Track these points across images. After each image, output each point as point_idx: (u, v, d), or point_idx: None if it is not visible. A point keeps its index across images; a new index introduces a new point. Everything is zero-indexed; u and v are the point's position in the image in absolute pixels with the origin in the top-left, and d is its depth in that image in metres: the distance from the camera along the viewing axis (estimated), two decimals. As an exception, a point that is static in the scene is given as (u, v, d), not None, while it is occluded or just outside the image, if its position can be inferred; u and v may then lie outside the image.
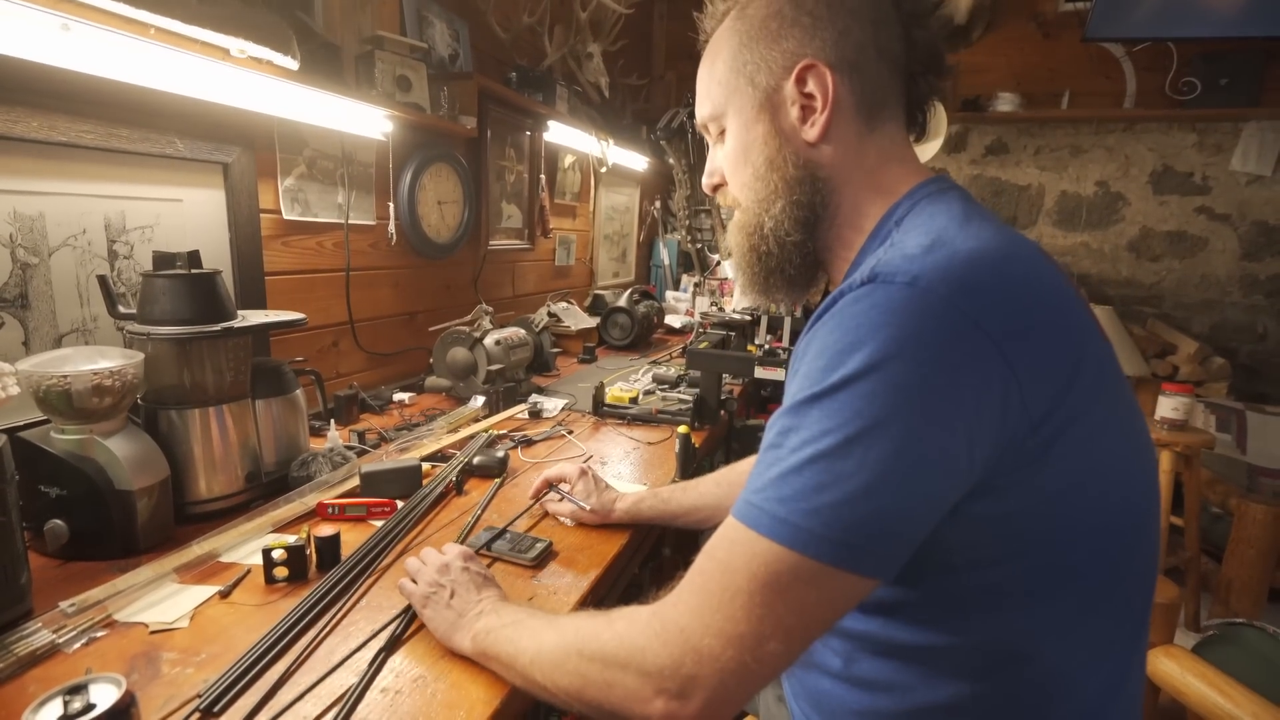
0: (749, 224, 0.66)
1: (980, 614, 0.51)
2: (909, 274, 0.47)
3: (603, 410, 1.57)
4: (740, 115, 0.65)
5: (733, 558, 0.48)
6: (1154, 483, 0.56)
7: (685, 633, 0.48)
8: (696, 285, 3.27)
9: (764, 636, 0.46)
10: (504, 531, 0.93)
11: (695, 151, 2.43)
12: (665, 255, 3.56)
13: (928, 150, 2.96)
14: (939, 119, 2.91)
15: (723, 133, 0.68)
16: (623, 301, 2.51)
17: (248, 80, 1.11)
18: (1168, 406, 2.07)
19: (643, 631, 0.51)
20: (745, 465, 1.01)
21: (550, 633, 0.59)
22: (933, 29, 0.62)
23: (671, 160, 3.32)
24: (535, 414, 1.54)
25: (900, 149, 0.64)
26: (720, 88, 0.66)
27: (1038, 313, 0.48)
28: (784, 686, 0.72)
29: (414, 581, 0.75)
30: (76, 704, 0.49)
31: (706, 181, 0.72)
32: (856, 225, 0.63)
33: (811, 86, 0.60)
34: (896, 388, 0.44)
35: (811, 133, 0.61)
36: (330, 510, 0.98)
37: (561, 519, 1.02)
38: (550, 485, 1.03)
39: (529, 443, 1.36)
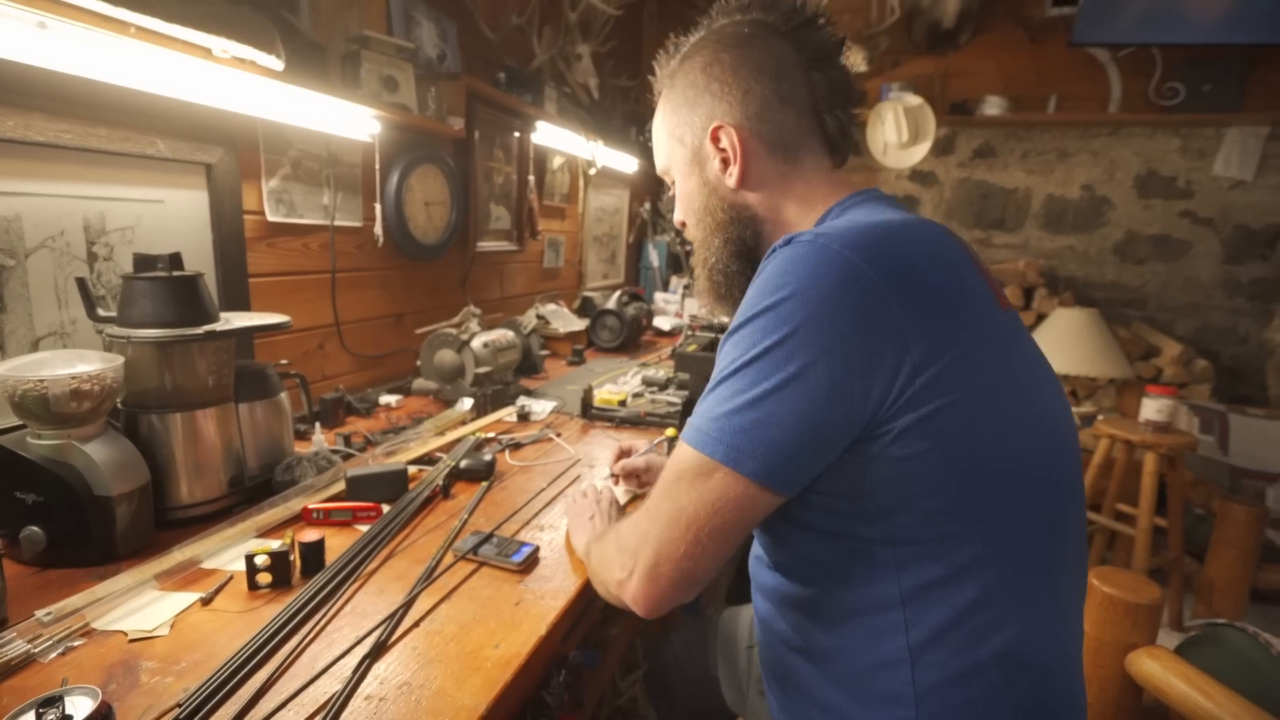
0: (700, 258, 0.78)
1: (902, 566, 0.56)
2: (812, 234, 0.57)
3: (591, 413, 1.56)
4: (679, 169, 0.77)
5: (671, 464, 0.60)
6: (1064, 448, 0.62)
7: (639, 521, 0.61)
8: (686, 287, 3.28)
9: (676, 531, 0.56)
10: (491, 536, 0.92)
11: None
12: (655, 257, 3.55)
13: (916, 154, 2.99)
14: (927, 122, 2.93)
15: (673, 182, 0.79)
16: (612, 304, 2.51)
17: (231, 80, 1.09)
18: (1152, 409, 2.10)
19: (633, 516, 0.64)
20: None
21: (609, 531, 0.71)
22: (837, 68, 0.71)
23: (661, 162, 3.33)
24: (523, 417, 1.54)
25: (825, 175, 0.72)
26: (662, 147, 0.78)
27: (924, 272, 0.56)
28: (764, 678, 0.75)
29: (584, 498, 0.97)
30: (51, 716, 0.48)
31: (676, 220, 0.83)
32: None
33: (724, 143, 0.71)
34: (788, 318, 0.53)
35: (731, 181, 0.71)
36: (315, 515, 0.97)
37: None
38: (619, 480, 1.14)
39: (517, 446, 1.35)
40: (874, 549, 0.57)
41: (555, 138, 2.34)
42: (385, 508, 1.01)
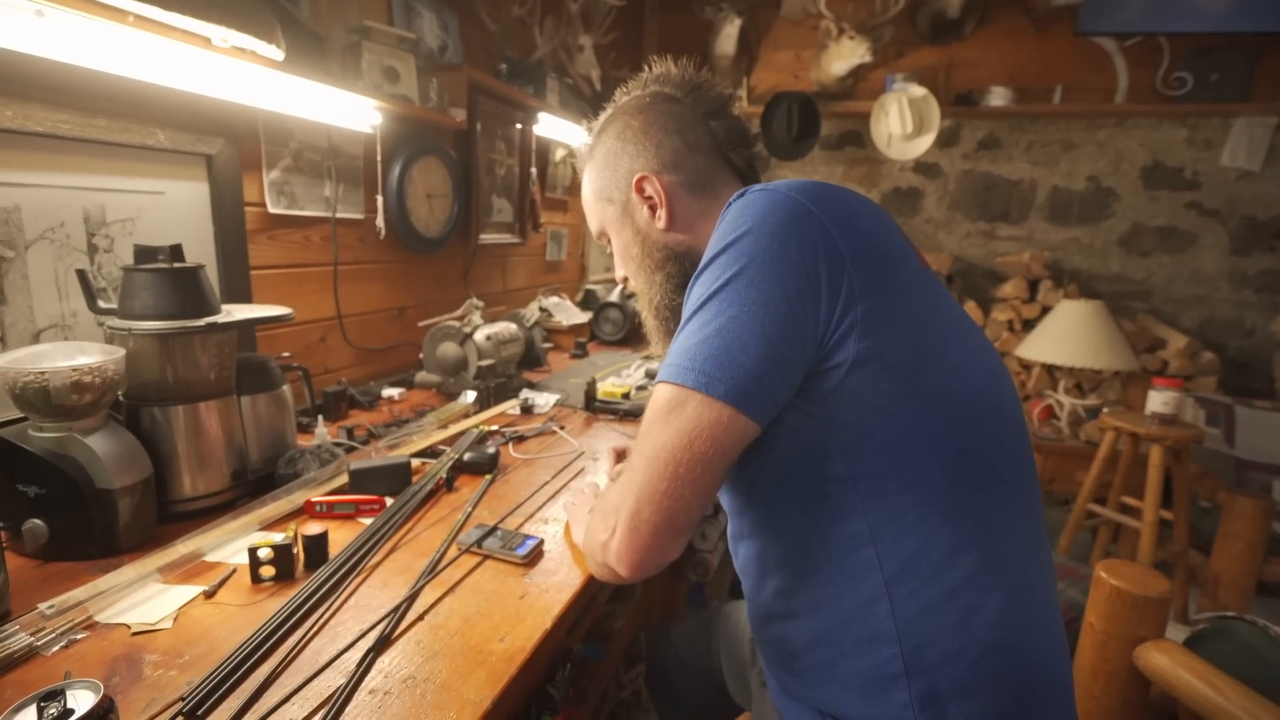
0: (646, 302, 0.84)
1: (883, 491, 0.59)
2: (761, 185, 0.64)
3: (595, 406, 1.56)
4: (612, 225, 0.84)
5: (648, 407, 0.61)
6: (1000, 382, 0.67)
7: (625, 473, 0.61)
8: (689, 280, 3.26)
9: (653, 457, 0.57)
10: (495, 529, 0.92)
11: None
12: (658, 250, 3.53)
13: (920, 145, 2.97)
14: (932, 113, 2.91)
15: (609, 240, 0.86)
16: (614, 296, 2.50)
17: (231, 70, 1.08)
18: (1158, 401, 2.08)
19: (610, 486, 0.66)
20: None
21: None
22: (729, 116, 0.81)
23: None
24: (526, 409, 1.53)
25: None
26: (593, 211, 0.87)
27: (860, 218, 0.62)
28: (764, 664, 0.76)
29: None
30: (52, 710, 0.48)
31: (617, 276, 0.89)
32: None
33: (649, 190, 0.78)
34: (743, 253, 0.59)
35: (660, 223, 0.79)
36: (318, 508, 0.97)
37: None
38: (622, 457, 1.12)
39: (520, 439, 1.35)
40: (839, 488, 0.60)
41: (557, 129, 2.32)
42: (389, 501, 1.00)
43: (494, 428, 1.38)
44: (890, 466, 0.59)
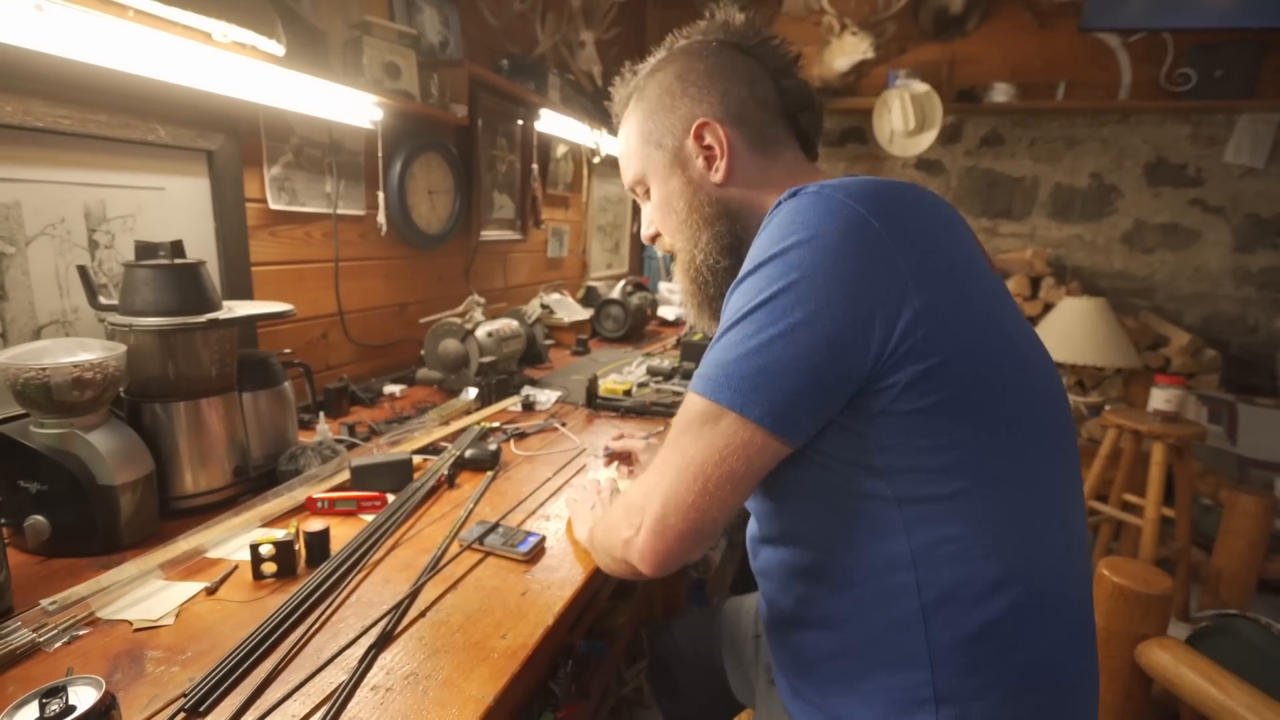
0: (686, 263, 0.77)
1: (929, 516, 0.56)
2: (816, 186, 0.59)
3: (596, 403, 1.56)
4: (657, 174, 0.77)
5: (680, 415, 0.60)
6: (1058, 402, 0.63)
7: (646, 476, 0.61)
8: (690, 277, 3.25)
9: (683, 468, 0.57)
10: (496, 525, 0.92)
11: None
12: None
13: (923, 142, 2.96)
14: (934, 109, 2.90)
15: (647, 191, 0.80)
16: (616, 293, 2.50)
17: (231, 65, 1.08)
18: (1160, 398, 2.08)
19: (639, 478, 0.64)
20: None
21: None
22: (798, 77, 0.76)
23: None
24: (528, 406, 1.53)
25: (803, 168, 0.75)
26: (636, 157, 0.79)
27: (925, 225, 0.58)
28: (773, 667, 0.75)
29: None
30: (54, 706, 0.48)
31: (645, 233, 0.83)
32: None
33: (709, 139, 0.72)
34: (794, 265, 0.54)
35: (718, 176, 0.73)
36: (319, 504, 0.97)
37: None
38: (615, 459, 1.13)
39: (522, 435, 1.34)
40: (882, 508, 0.57)
41: (559, 126, 2.32)
42: (390, 497, 1.00)
43: (495, 424, 1.38)
44: (939, 493, 0.55)
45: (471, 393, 1.52)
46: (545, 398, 1.57)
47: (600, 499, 0.92)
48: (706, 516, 0.56)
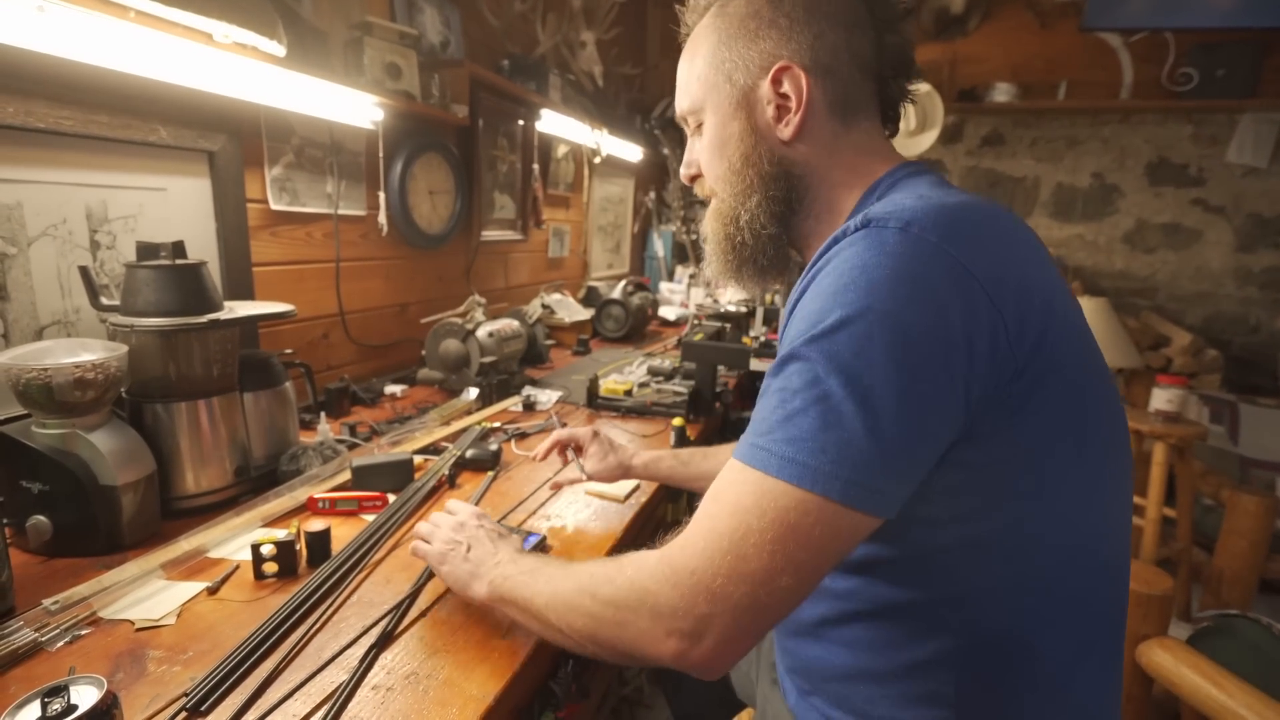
0: (725, 213, 0.68)
1: (961, 568, 0.52)
2: (901, 219, 0.48)
3: (597, 402, 1.56)
4: (718, 111, 0.66)
5: (741, 498, 0.49)
6: (1127, 447, 0.58)
7: (696, 575, 0.49)
8: (691, 277, 3.26)
9: (776, 572, 0.47)
10: (497, 526, 0.92)
11: (690, 141, 2.41)
12: (660, 247, 3.53)
13: (924, 142, 2.95)
14: (935, 109, 2.90)
15: (700, 126, 0.69)
16: (617, 293, 2.50)
17: (233, 66, 1.08)
18: (1161, 399, 2.08)
19: (653, 575, 0.52)
20: None
21: (565, 579, 0.60)
22: (904, 34, 0.64)
23: (666, 151, 3.30)
24: (529, 406, 1.53)
25: (876, 143, 0.66)
26: (699, 83, 0.67)
27: (1018, 265, 0.50)
28: (777, 666, 0.73)
29: (428, 543, 0.75)
30: (56, 705, 0.48)
31: (684, 172, 0.74)
32: (832, 217, 0.65)
33: (786, 87, 0.62)
34: (893, 328, 0.46)
35: (786, 131, 0.63)
36: (321, 504, 0.97)
37: (575, 483, 1.03)
38: (562, 448, 1.03)
39: (522, 435, 1.35)
40: (920, 552, 0.53)
41: (559, 126, 2.32)
42: (391, 497, 1.00)
43: (496, 425, 1.38)
44: (988, 544, 0.52)
45: (472, 393, 1.52)
46: (546, 398, 1.57)
47: (470, 535, 0.74)
48: (785, 612, 0.51)
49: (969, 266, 0.47)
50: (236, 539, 0.87)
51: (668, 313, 2.91)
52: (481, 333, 1.63)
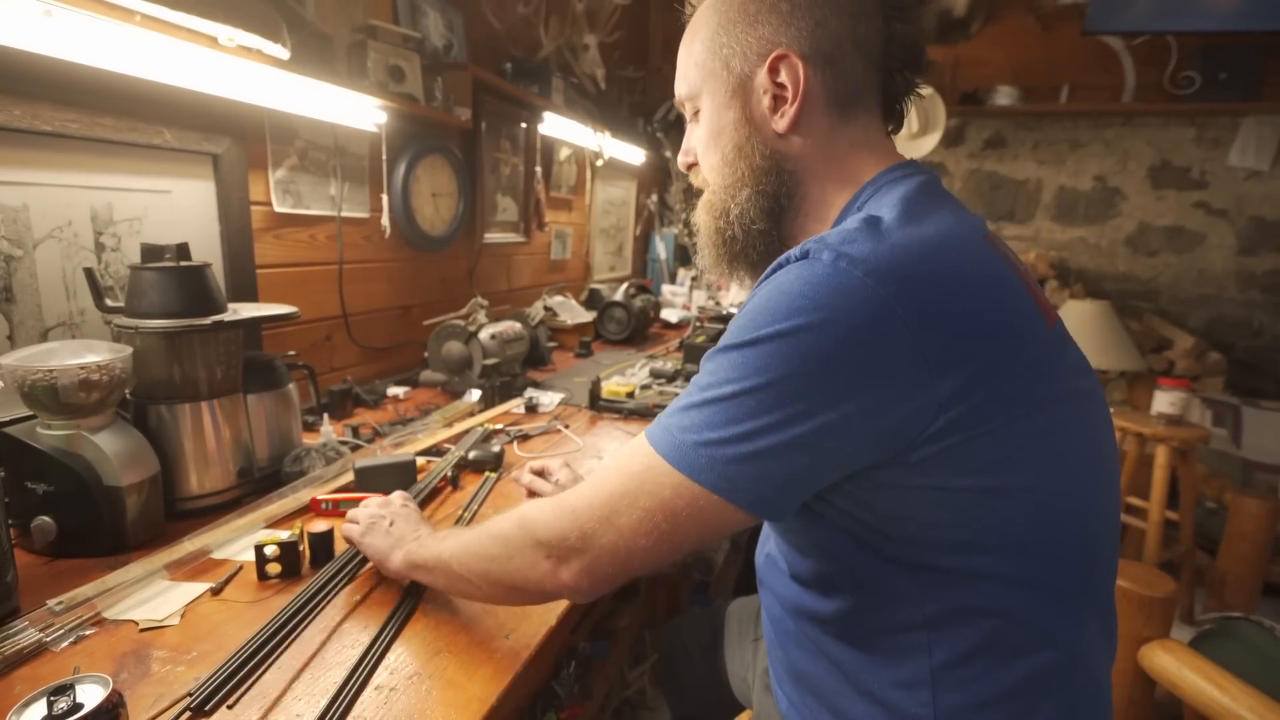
0: (716, 206, 0.67)
1: (945, 583, 0.53)
2: (835, 253, 0.49)
3: (599, 405, 1.56)
4: (714, 99, 0.65)
5: (633, 464, 0.55)
6: (1110, 487, 0.59)
7: (576, 512, 0.57)
8: (693, 279, 3.26)
9: (640, 534, 0.53)
10: (499, 527, 0.92)
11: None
12: (662, 249, 3.54)
13: (926, 144, 2.95)
14: (938, 112, 2.90)
15: (697, 113, 0.68)
16: (619, 295, 2.50)
17: (237, 69, 1.09)
18: (1164, 401, 2.08)
19: (541, 510, 0.60)
20: None
21: (470, 531, 0.68)
22: (915, 24, 0.62)
23: (668, 153, 3.30)
24: (531, 408, 1.53)
25: (873, 140, 0.64)
26: (697, 69, 0.66)
27: (960, 301, 0.49)
28: (770, 673, 0.73)
29: (355, 523, 0.81)
30: (62, 704, 0.48)
31: (681, 160, 0.73)
32: (821, 215, 0.64)
33: (783, 77, 0.60)
34: (800, 355, 0.47)
35: (780, 123, 0.61)
36: (324, 506, 0.97)
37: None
38: (535, 473, 1.08)
39: (525, 437, 1.35)
40: (896, 574, 0.54)
41: (562, 129, 2.32)
42: (394, 499, 1.01)
43: (499, 426, 1.39)
44: (958, 565, 0.52)
45: (475, 395, 1.52)
46: (548, 400, 1.57)
47: (395, 514, 0.81)
48: (651, 561, 0.56)
49: (894, 304, 0.46)
50: (240, 540, 0.87)
51: (670, 315, 2.92)
52: (484, 335, 1.64)
